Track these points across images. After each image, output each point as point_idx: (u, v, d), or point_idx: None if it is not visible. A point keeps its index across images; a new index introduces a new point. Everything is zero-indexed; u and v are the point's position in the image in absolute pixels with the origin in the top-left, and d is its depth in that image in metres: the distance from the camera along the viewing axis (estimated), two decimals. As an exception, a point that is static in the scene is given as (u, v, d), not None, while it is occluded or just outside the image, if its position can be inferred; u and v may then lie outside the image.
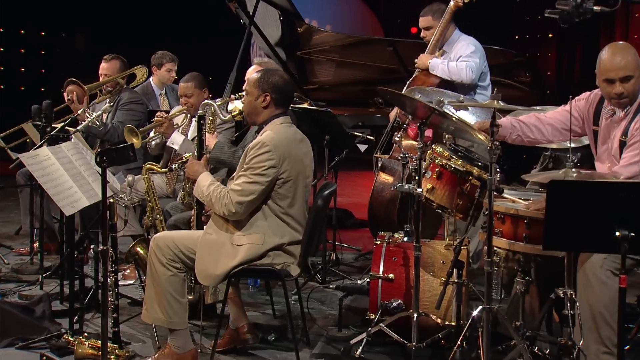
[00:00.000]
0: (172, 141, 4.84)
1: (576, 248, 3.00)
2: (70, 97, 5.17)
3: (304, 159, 3.59)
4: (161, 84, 6.38)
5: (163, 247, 3.57)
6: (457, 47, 5.13)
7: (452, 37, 5.18)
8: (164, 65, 6.29)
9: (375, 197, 5.14)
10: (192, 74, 4.93)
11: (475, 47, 5.08)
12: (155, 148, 5.04)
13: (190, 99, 4.86)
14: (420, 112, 3.60)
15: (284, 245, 3.52)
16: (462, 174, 3.58)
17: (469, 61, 4.99)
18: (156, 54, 6.35)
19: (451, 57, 5.12)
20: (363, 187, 9.03)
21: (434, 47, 5.21)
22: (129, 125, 4.80)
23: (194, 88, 4.85)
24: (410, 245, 3.83)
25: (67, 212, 3.65)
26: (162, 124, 4.83)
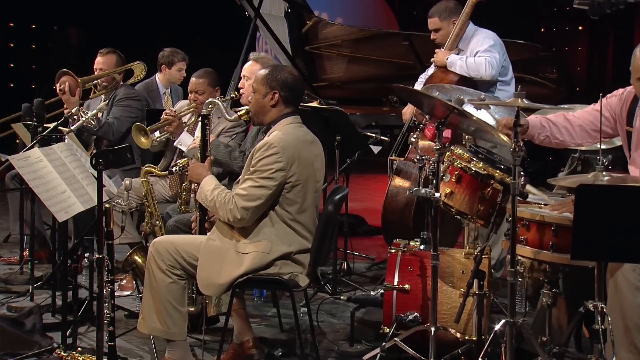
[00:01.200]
0: (180, 142, 4.83)
1: (607, 258, 2.99)
2: (62, 88, 5.21)
3: (314, 161, 3.60)
4: (167, 82, 6.40)
5: (163, 252, 3.59)
6: (473, 42, 5.12)
7: (466, 32, 5.18)
8: (176, 64, 6.30)
9: (390, 202, 5.15)
10: (205, 70, 4.92)
11: (493, 40, 5.07)
12: (157, 145, 5.06)
13: (200, 97, 4.84)
14: (439, 111, 3.61)
15: (292, 253, 3.53)
16: (483, 178, 3.58)
17: (488, 56, 4.98)
18: (164, 51, 6.34)
19: (467, 53, 5.12)
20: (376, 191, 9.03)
21: (453, 43, 5.21)
22: (138, 124, 4.81)
23: (206, 85, 4.85)
24: (427, 254, 3.84)
25: (60, 218, 3.67)
26: (171, 122, 4.84)
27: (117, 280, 4.91)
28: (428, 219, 3.96)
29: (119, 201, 3.97)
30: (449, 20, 5.18)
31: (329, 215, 3.58)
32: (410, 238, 4.18)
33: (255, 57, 4.58)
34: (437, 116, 3.65)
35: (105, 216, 3.49)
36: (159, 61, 6.35)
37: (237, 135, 4.81)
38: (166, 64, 6.32)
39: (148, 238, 4.44)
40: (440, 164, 3.64)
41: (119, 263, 4.49)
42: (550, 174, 4.32)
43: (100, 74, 5.49)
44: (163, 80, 6.41)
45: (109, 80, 5.51)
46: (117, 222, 4.07)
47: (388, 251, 4.04)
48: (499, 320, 3.31)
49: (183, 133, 4.85)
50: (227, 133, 4.80)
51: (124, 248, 4.95)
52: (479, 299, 3.67)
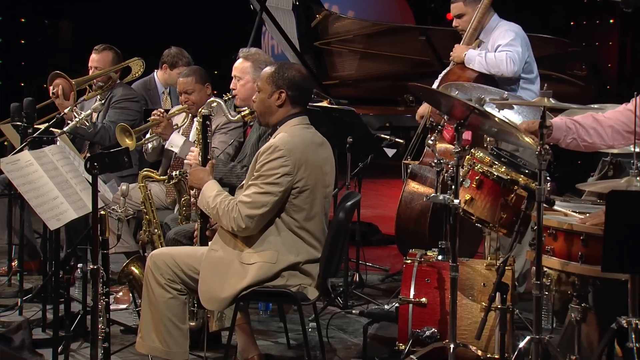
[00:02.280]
0: (171, 143, 4.86)
1: (640, 269, 2.98)
2: (55, 92, 5.23)
3: (323, 165, 3.61)
4: (167, 83, 6.41)
5: (161, 265, 3.60)
6: (494, 35, 5.11)
7: (489, 24, 5.16)
8: (178, 68, 6.25)
9: (404, 209, 5.15)
10: (191, 68, 4.97)
11: (515, 33, 5.05)
12: (153, 153, 5.08)
13: (191, 96, 4.88)
14: (458, 111, 3.61)
15: (300, 264, 3.53)
16: (506, 183, 3.58)
17: (510, 51, 4.96)
18: (171, 49, 6.30)
19: (489, 47, 5.11)
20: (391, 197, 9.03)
21: (471, 37, 5.21)
22: (121, 124, 4.84)
23: (194, 83, 4.88)
24: (445, 265, 3.83)
25: (51, 226, 3.68)
26: (159, 123, 4.85)
27: (113, 293, 4.92)
28: (446, 227, 3.96)
29: (115, 208, 3.98)
30: (474, 6, 5.11)
31: (340, 223, 3.59)
32: (425, 248, 4.18)
33: (245, 54, 4.55)
34: (456, 117, 3.65)
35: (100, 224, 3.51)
36: (162, 58, 6.35)
37: (232, 130, 4.82)
38: (169, 64, 6.29)
39: (146, 247, 4.45)
40: (460, 169, 3.63)
41: (115, 274, 4.50)
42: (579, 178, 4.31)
43: (96, 73, 5.49)
44: (162, 79, 6.41)
45: (105, 79, 5.52)
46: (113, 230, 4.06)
47: (403, 262, 4.04)
48: (524, 337, 3.31)
49: (173, 134, 4.86)
50: (222, 130, 4.80)
51: (120, 258, 4.97)
52: (502, 314, 3.66)
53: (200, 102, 4.78)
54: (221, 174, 4.38)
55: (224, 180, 4.37)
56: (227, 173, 4.40)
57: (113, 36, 7.27)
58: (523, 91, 5.09)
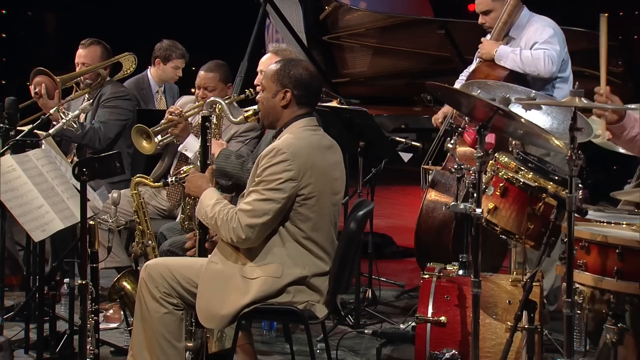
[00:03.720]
0: (185, 147, 4.83)
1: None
2: (38, 91, 5.24)
3: (331, 170, 3.62)
4: (161, 80, 6.44)
5: (156, 277, 3.61)
6: (528, 31, 5.10)
7: (520, 19, 5.16)
8: (172, 61, 6.32)
9: (425, 219, 5.15)
10: (216, 63, 4.92)
11: (553, 30, 5.06)
12: None
13: (210, 94, 4.81)
14: (480, 112, 3.62)
15: (308, 278, 3.54)
16: (533, 191, 3.58)
17: (548, 49, 4.96)
18: (162, 43, 6.36)
19: (521, 45, 5.11)
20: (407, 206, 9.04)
21: (500, 32, 5.21)
22: (139, 125, 4.81)
23: (217, 81, 4.87)
24: (467, 281, 3.84)
25: (35, 238, 3.71)
26: (177, 124, 4.84)
27: (102, 311, 4.93)
28: (468, 239, 3.97)
29: (105, 217, 4.00)
30: (502, 1, 5.14)
31: (351, 234, 3.60)
32: (448, 261, 4.18)
33: (275, 49, 4.58)
34: (478, 118, 3.66)
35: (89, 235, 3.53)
36: (154, 53, 6.38)
37: (250, 140, 4.83)
38: (161, 58, 6.34)
39: (139, 261, 4.47)
40: (483, 175, 3.64)
41: (105, 290, 4.51)
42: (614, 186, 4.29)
43: (83, 70, 5.51)
44: (156, 76, 6.44)
45: (94, 76, 5.53)
46: (103, 242, 4.09)
47: (421, 277, 4.04)
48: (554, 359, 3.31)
49: (190, 136, 4.85)
50: (239, 138, 4.81)
51: (111, 273, 4.98)
52: (529, 335, 3.66)
53: None
54: (231, 166, 4.42)
55: (233, 173, 4.41)
56: (238, 166, 4.44)
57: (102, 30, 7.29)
58: (557, 91, 5.09)
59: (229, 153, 4.52)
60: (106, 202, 4.51)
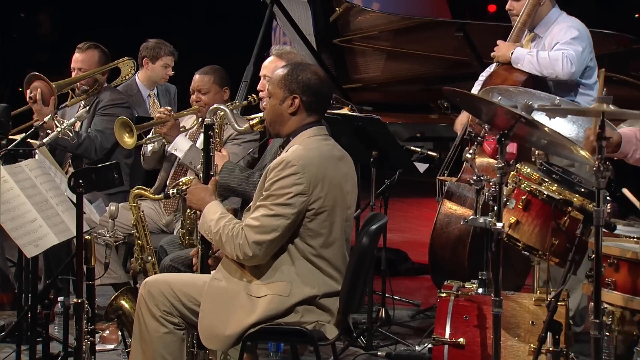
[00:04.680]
0: (174, 147, 4.90)
1: None
2: (33, 96, 5.27)
3: (343, 183, 3.62)
4: (151, 82, 6.46)
5: (156, 294, 3.61)
6: (553, 30, 5.10)
7: (548, 16, 5.15)
8: (161, 59, 6.37)
9: (439, 233, 5.15)
10: (212, 66, 5.01)
11: (579, 31, 5.05)
12: (152, 157, 5.11)
13: (204, 97, 4.93)
14: (501, 120, 3.62)
15: (317, 297, 3.54)
16: (558, 204, 3.57)
17: (567, 49, 4.97)
18: (148, 42, 6.42)
19: (545, 44, 5.11)
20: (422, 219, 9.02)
21: (519, 33, 5.21)
22: (122, 117, 4.86)
23: (212, 83, 4.94)
24: (487, 300, 3.83)
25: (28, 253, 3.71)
26: (165, 121, 4.90)
27: (99, 331, 4.94)
28: (488, 255, 3.96)
29: (102, 232, 4.01)
30: None
31: (363, 250, 3.60)
32: (464, 279, 4.18)
33: (279, 52, 4.59)
34: (499, 126, 3.66)
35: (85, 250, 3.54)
36: (140, 54, 6.40)
37: (247, 143, 4.85)
38: (149, 57, 6.37)
39: (138, 278, 4.47)
40: (503, 187, 3.64)
41: (101, 309, 4.52)
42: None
43: (80, 75, 5.54)
44: (145, 79, 6.45)
45: (90, 82, 5.56)
46: (100, 258, 4.10)
47: (437, 295, 4.03)
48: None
49: (179, 136, 4.90)
50: (234, 140, 4.84)
51: (108, 290, 4.99)
52: (554, 358, 3.65)
53: None
54: (237, 180, 4.40)
55: (238, 189, 4.40)
56: (243, 180, 4.41)
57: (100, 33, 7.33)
58: (580, 97, 5.09)
59: (233, 167, 4.49)
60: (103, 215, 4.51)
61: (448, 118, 6.55)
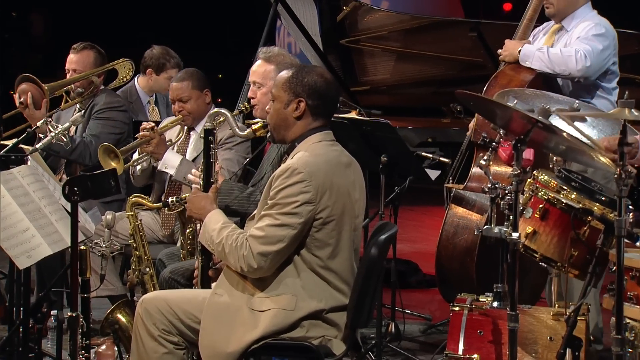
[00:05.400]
0: (164, 164, 4.89)
1: None
2: (24, 100, 5.26)
3: (351, 191, 3.62)
4: (151, 90, 6.45)
5: (154, 312, 3.61)
6: (579, 27, 5.03)
7: (579, 10, 5.10)
8: (166, 71, 6.27)
9: (445, 244, 5.14)
10: (186, 71, 5.02)
11: (605, 29, 5.01)
12: (142, 176, 5.11)
13: (186, 105, 4.93)
14: (517, 124, 3.61)
15: (324, 311, 3.53)
16: (577, 213, 3.57)
17: (584, 45, 4.93)
18: (153, 50, 6.33)
19: (572, 37, 5.06)
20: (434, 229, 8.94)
21: (525, 29, 5.20)
22: (104, 144, 4.86)
23: (190, 89, 4.94)
24: (502, 314, 3.82)
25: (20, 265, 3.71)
26: (150, 140, 4.89)
27: (94, 346, 4.93)
28: (503, 267, 3.95)
29: (98, 242, 4.01)
30: None
31: (372, 261, 3.59)
32: (473, 291, 4.17)
33: (266, 54, 4.58)
34: (514, 131, 3.65)
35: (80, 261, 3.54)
36: (144, 62, 6.37)
37: (239, 145, 4.86)
38: (154, 68, 6.32)
39: (135, 290, 4.47)
40: (520, 195, 3.63)
41: (97, 323, 4.51)
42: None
43: (74, 77, 5.54)
44: (145, 86, 6.45)
45: (86, 84, 5.56)
46: (96, 270, 4.10)
47: (450, 309, 4.03)
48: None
49: (167, 152, 4.90)
50: (225, 145, 4.83)
51: (104, 303, 4.98)
52: (573, 375, 3.64)
53: (198, 111, 4.82)
54: (237, 202, 4.37)
55: (240, 210, 4.37)
56: (244, 201, 4.37)
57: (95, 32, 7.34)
58: (598, 100, 5.06)
59: (231, 187, 4.44)
60: (99, 224, 4.52)
61: (461, 122, 6.55)
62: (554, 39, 5.20)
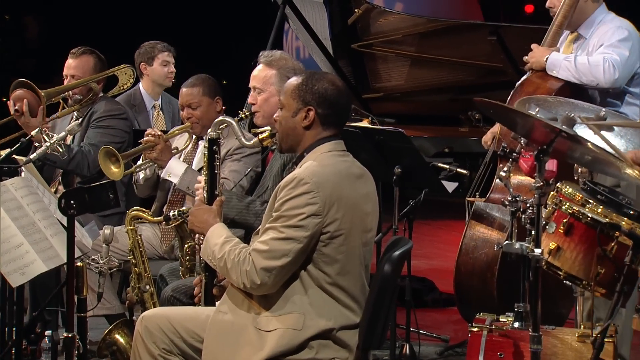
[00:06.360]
0: (168, 172, 4.90)
1: None
2: (19, 107, 5.27)
3: (362, 203, 3.62)
4: (156, 88, 6.47)
5: (155, 330, 3.61)
6: (599, 31, 5.06)
7: (593, 15, 5.13)
8: (157, 58, 6.37)
9: (465, 260, 5.13)
10: (199, 77, 5.02)
11: (628, 32, 5.03)
12: (145, 185, 5.12)
13: (195, 112, 4.94)
14: (539, 133, 3.61)
15: (334, 331, 3.53)
16: (603, 228, 3.56)
17: (611, 53, 4.94)
18: (140, 48, 6.44)
19: (590, 45, 5.08)
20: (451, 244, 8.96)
21: (554, 35, 5.21)
22: (105, 147, 4.87)
23: (201, 96, 4.95)
24: (524, 335, 3.81)
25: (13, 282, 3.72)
26: (154, 146, 4.91)
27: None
28: (525, 285, 3.94)
29: (96, 258, 4.02)
30: None
31: (385, 279, 3.59)
32: (494, 311, 4.16)
33: (267, 58, 4.59)
34: (537, 141, 3.65)
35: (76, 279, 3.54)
36: (135, 62, 6.41)
37: (248, 157, 4.87)
38: (145, 61, 6.39)
39: (134, 309, 4.47)
40: (542, 208, 3.63)
41: (94, 344, 4.53)
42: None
43: (73, 83, 5.55)
44: (149, 87, 6.47)
45: (84, 91, 5.57)
46: (93, 287, 4.11)
47: (468, 329, 4.02)
48: None
49: (172, 160, 4.92)
50: (233, 156, 4.85)
51: (101, 323, 4.99)
52: (600, 401, 3.63)
53: (207, 119, 4.83)
54: (235, 210, 4.38)
55: (238, 220, 4.38)
56: (243, 210, 4.40)
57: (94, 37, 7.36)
58: (627, 107, 5.06)
59: (229, 196, 4.44)
60: (97, 239, 4.52)
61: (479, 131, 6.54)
62: (572, 48, 5.21)
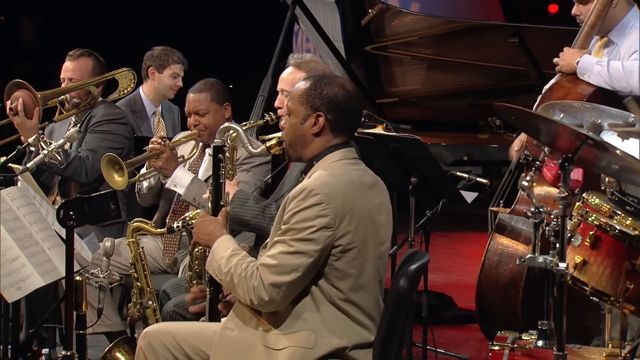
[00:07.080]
0: (174, 181, 4.91)
1: None
2: (14, 107, 5.28)
3: (376, 214, 3.62)
4: (158, 96, 6.48)
5: (158, 347, 3.61)
6: (631, 37, 5.07)
7: (624, 19, 5.14)
8: (169, 67, 6.37)
9: (488, 274, 5.12)
10: (206, 82, 5.02)
11: None
12: (148, 194, 5.13)
13: (203, 119, 4.95)
14: (564, 141, 3.61)
15: (347, 349, 3.53)
16: (632, 241, 3.55)
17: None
18: (154, 50, 6.44)
19: (621, 52, 5.09)
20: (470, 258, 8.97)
21: (586, 36, 5.21)
22: (109, 155, 4.87)
23: (209, 102, 4.96)
24: (548, 354, 3.80)
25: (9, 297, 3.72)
26: (159, 154, 4.92)
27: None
28: (549, 301, 3.93)
29: (96, 272, 4.02)
30: None
31: (401, 294, 3.58)
32: (519, 329, 4.15)
33: (298, 61, 4.60)
34: (561, 149, 3.64)
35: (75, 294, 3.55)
36: (145, 64, 6.43)
37: (257, 167, 4.88)
38: (156, 66, 6.40)
39: (136, 326, 4.47)
40: (567, 220, 3.62)
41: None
42: None
43: (70, 86, 5.56)
44: (150, 92, 6.48)
45: (83, 95, 5.58)
46: (92, 303, 4.11)
47: (489, 348, 4.01)
48: None
49: (177, 169, 4.92)
50: (242, 166, 4.86)
51: (101, 340, 4.99)
52: None
53: (215, 127, 4.81)
54: (250, 213, 4.39)
55: (252, 223, 4.40)
56: (258, 213, 4.40)
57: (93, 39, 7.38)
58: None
59: (246, 197, 4.48)
60: (96, 252, 4.53)
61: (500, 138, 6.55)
62: (602, 54, 5.21)
